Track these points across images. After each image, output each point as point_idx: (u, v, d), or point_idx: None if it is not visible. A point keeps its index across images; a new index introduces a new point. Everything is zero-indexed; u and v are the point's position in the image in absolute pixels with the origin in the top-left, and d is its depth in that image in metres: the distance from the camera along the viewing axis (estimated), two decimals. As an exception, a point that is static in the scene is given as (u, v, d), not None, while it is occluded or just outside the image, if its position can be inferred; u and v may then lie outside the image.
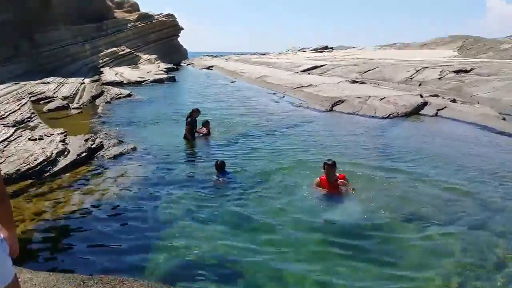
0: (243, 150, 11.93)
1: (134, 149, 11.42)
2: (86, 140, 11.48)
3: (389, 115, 17.22)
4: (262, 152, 11.69)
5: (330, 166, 8.13)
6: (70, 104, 20.33)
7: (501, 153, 11.69)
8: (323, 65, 41.06)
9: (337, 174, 8.29)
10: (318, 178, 8.41)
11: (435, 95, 20.64)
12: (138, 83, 32.11)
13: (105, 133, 13.09)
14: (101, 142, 11.54)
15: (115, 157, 10.66)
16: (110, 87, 27.30)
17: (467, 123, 15.90)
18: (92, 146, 11.00)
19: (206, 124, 13.63)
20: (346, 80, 28.70)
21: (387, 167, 10.09)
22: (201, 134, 13.37)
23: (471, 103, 19.32)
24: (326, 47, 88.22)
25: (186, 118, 13.11)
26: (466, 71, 28.17)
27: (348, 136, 13.60)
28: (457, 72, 27.93)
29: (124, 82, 31.73)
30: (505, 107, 19.04)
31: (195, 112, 13.27)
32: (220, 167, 9.29)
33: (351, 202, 7.93)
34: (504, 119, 16.07)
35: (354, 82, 27.81)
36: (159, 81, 33.41)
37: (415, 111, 17.88)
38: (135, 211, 7.50)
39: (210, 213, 7.43)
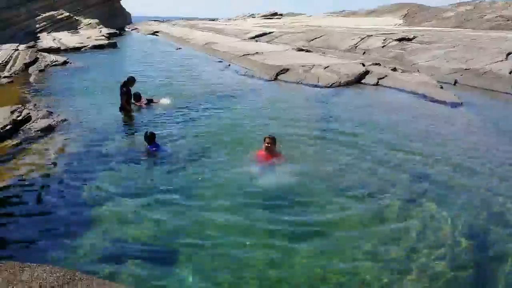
0: (182, 121, 11.61)
1: (64, 121, 10.83)
2: (12, 112, 10.78)
3: (332, 84, 17.27)
4: (202, 123, 11.43)
5: (270, 140, 8.17)
6: (0, 73, 19.03)
7: (438, 122, 11.98)
8: (271, 32, 40.68)
9: (276, 151, 8.35)
10: (256, 152, 8.39)
11: (376, 64, 20.88)
12: (76, 49, 30.50)
13: (34, 104, 12.32)
14: (29, 113, 10.87)
15: (42, 130, 10.06)
16: (46, 54, 25.78)
17: (406, 92, 16.21)
18: (18, 119, 10.34)
19: (137, 97, 13.06)
20: (292, 48, 28.53)
21: (327, 138, 10.12)
22: (143, 106, 12.92)
23: (411, 72, 19.70)
24: (275, 14, 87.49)
25: (120, 88, 12.42)
26: (408, 39, 28.69)
27: (290, 107, 13.50)
28: (400, 40, 28.40)
29: (62, 48, 30.04)
30: (443, 75, 19.60)
31: (131, 81, 12.67)
32: (150, 138, 8.95)
33: (289, 171, 7.90)
34: (441, 87, 16.50)
35: (300, 50, 27.68)
36: (99, 47, 31.89)
37: (357, 80, 18.02)
38: (59, 190, 7.11)
39: (138, 189, 7.18)
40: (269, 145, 8.16)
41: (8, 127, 9.76)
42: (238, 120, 11.73)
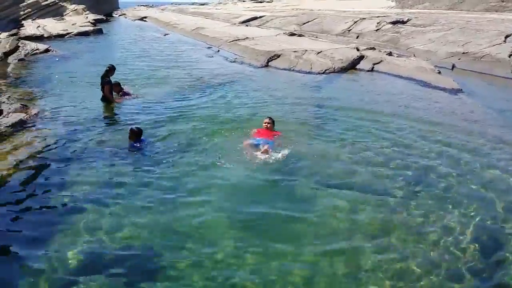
0: (169, 112, 10.82)
1: (37, 114, 10.02)
2: (-18, 106, 9.96)
3: (325, 70, 16.52)
4: (191, 113, 10.69)
5: (269, 120, 8.63)
6: (-24, 63, 18.07)
7: (439, 110, 11.31)
8: (262, 16, 39.71)
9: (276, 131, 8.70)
10: (256, 129, 8.69)
11: (371, 48, 20.14)
12: (61, 36, 29.32)
13: (8, 97, 11.46)
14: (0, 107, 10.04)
15: (13, 125, 9.20)
16: (27, 41, 24.65)
17: (403, 78, 15.52)
18: (-13, 114, 9.53)
19: (116, 85, 12.19)
20: (284, 33, 27.69)
21: (320, 129, 9.45)
22: (128, 98, 12.06)
23: (407, 56, 19.02)
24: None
25: (102, 77, 11.67)
26: (403, 22, 27.92)
27: (283, 95, 12.73)
28: (394, 23, 27.61)
29: (45, 35, 28.86)
30: (440, 59, 18.94)
31: (112, 70, 11.86)
32: (136, 134, 8.25)
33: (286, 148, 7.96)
34: (439, 72, 15.83)
35: (292, 34, 26.82)
36: (85, 33, 30.71)
37: (351, 66, 17.28)
38: (30, 193, 6.38)
39: (121, 192, 6.49)
40: (268, 125, 8.55)
41: (-24, 123, 8.96)
42: (227, 109, 11.07)
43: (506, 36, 19.81)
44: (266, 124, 8.57)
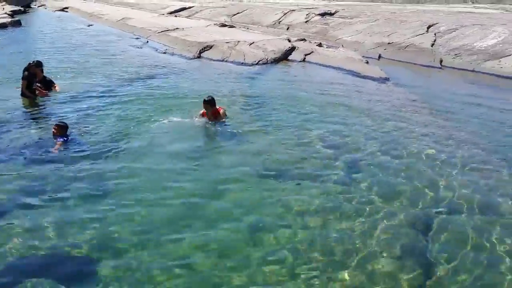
0: (94, 106, 10.31)
1: None
2: None
3: (259, 61, 16.47)
4: (118, 107, 10.25)
5: (206, 103, 8.61)
6: None
7: (368, 98, 11.65)
8: (191, 7, 39.01)
9: (217, 107, 8.81)
10: (200, 112, 8.82)
11: (302, 39, 20.37)
12: (-27, 29, 27.08)
13: None
14: None
15: None
16: None
17: (333, 68, 15.83)
18: None
19: (38, 66, 11.19)
20: (214, 24, 27.33)
21: (255, 119, 9.42)
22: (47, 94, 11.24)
23: (336, 47, 19.43)
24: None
25: (23, 71, 10.92)
26: (331, 14, 28.53)
27: (217, 86, 12.54)
28: (322, 15, 28.13)
29: (-44, 27, 26.55)
30: (367, 50, 19.52)
31: (34, 66, 11.03)
32: (62, 128, 7.75)
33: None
34: (367, 62, 16.31)
35: (223, 25, 26.55)
36: (2, 26, 28.49)
37: (284, 57, 17.37)
38: None
39: (45, 192, 6.10)
40: (206, 107, 8.65)
41: None
42: (160, 100, 10.80)
43: (429, 26, 20.73)
44: (204, 108, 8.70)
